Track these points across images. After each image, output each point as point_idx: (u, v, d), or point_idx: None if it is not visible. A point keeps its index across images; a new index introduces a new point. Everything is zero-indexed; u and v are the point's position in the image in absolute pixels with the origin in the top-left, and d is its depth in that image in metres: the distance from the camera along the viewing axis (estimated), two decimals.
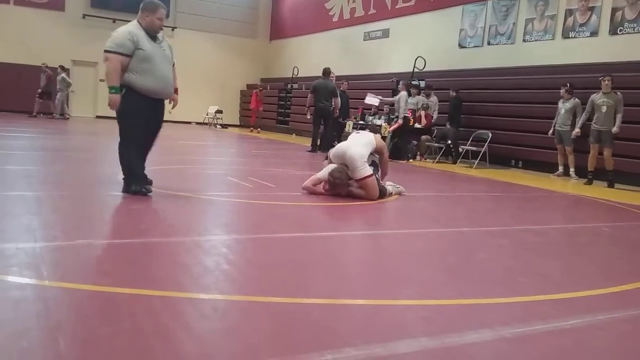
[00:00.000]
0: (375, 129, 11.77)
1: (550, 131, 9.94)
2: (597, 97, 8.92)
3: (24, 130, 11.95)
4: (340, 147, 5.73)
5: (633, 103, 9.03)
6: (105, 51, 4.68)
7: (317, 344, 2.01)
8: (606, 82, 8.82)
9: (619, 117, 8.68)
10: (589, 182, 9.01)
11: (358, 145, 5.58)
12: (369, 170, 5.48)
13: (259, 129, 19.63)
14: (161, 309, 2.24)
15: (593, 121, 8.94)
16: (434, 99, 12.27)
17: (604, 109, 8.77)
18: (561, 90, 9.77)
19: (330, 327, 2.18)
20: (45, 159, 7.42)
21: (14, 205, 4.12)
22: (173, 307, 2.27)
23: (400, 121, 11.49)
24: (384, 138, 11.86)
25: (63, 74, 17.17)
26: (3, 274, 2.49)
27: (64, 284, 2.43)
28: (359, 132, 6.15)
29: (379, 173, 5.84)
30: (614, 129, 8.69)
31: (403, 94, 11.66)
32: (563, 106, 9.74)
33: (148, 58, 4.71)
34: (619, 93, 8.78)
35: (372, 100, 12.72)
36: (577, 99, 9.64)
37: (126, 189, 4.81)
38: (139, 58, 4.67)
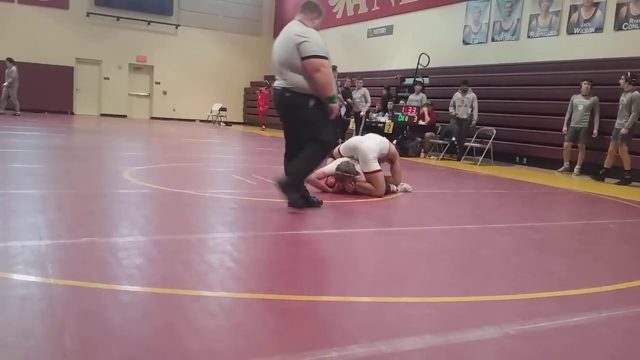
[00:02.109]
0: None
1: (564, 128, 9.82)
2: (621, 95, 8.88)
3: (29, 128, 11.99)
4: (353, 139, 6.04)
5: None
6: (317, 57, 4.19)
7: (323, 341, 2.01)
8: (619, 81, 8.82)
9: (632, 116, 8.54)
10: (601, 179, 8.93)
11: (372, 141, 5.76)
12: (378, 166, 5.60)
13: (264, 127, 19.63)
14: (166, 307, 2.25)
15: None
16: (470, 95, 11.42)
17: (620, 107, 8.76)
18: (582, 87, 9.59)
19: (335, 325, 2.19)
20: (50, 157, 7.44)
21: (19, 203, 4.14)
22: (178, 305, 2.28)
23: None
24: (388, 135, 11.89)
25: (13, 67, 15.80)
26: (8, 272, 2.50)
27: (69, 282, 2.44)
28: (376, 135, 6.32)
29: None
30: (622, 130, 8.60)
31: (364, 89, 13.48)
32: (581, 102, 9.57)
33: (330, 62, 4.37)
34: (636, 92, 8.60)
35: None
36: (595, 97, 9.52)
37: (298, 203, 4.44)
38: None
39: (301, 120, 4.44)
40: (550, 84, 10.94)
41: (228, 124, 21.41)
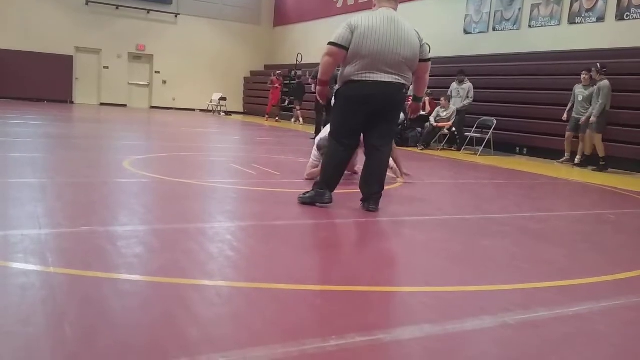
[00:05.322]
0: None
1: (565, 117, 9.83)
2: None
3: (29, 117, 11.96)
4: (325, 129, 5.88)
5: (636, 89, 9.00)
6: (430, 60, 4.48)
7: (321, 330, 2.01)
8: (590, 73, 9.40)
9: (599, 104, 9.07)
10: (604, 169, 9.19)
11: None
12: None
13: (269, 117, 19.43)
14: (166, 296, 2.26)
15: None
16: (466, 85, 11.46)
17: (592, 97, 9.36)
18: (583, 75, 9.57)
19: (334, 314, 2.19)
20: (49, 146, 7.43)
21: (19, 192, 4.14)
22: (177, 294, 2.29)
23: None
24: None
25: None
26: (8, 261, 2.50)
27: (69, 271, 2.45)
28: None
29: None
30: (592, 118, 9.08)
31: None
32: (581, 92, 9.59)
33: None
34: (604, 81, 9.09)
35: None
36: (594, 86, 9.55)
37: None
38: None
39: (396, 117, 4.38)
40: (552, 73, 10.91)
41: (228, 113, 21.36)
